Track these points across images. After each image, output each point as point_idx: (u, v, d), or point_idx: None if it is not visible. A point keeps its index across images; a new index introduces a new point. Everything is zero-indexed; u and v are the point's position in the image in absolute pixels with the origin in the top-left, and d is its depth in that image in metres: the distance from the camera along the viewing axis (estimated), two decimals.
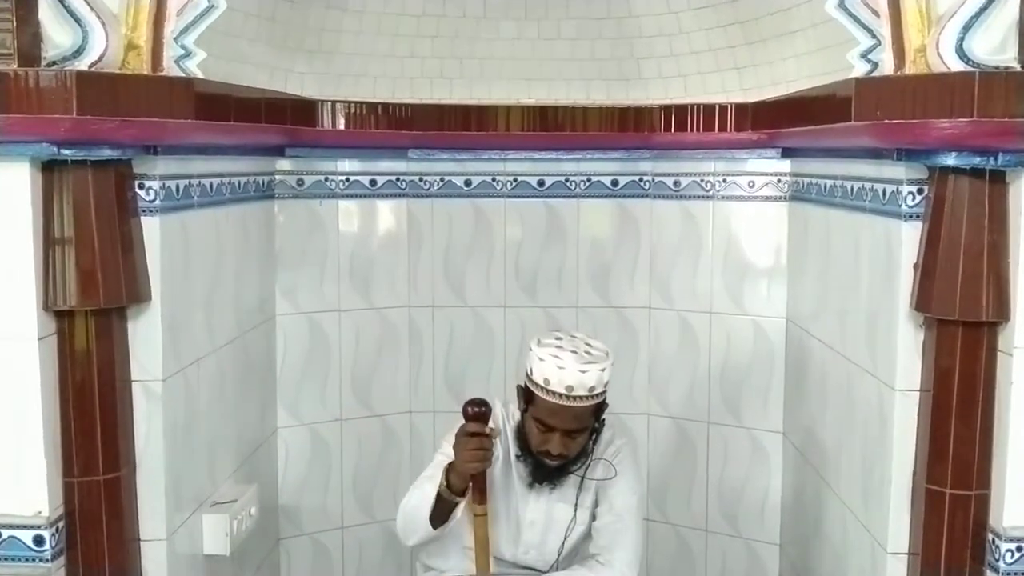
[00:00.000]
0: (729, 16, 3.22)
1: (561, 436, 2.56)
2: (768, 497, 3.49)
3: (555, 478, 2.67)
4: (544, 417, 2.55)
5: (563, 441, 2.57)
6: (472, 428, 2.47)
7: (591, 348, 2.59)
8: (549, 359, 2.52)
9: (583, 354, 2.54)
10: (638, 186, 3.60)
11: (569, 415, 2.53)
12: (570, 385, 2.49)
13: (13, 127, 2.10)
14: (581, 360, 2.51)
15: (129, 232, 2.35)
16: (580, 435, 2.60)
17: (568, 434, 2.56)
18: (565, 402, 2.50)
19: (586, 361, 2.51)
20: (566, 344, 2.58)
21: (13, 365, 2.22)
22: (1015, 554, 2.18)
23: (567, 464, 2.65)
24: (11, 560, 2.26)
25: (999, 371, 2.21)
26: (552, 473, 2.66)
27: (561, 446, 2.57)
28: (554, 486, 2.69)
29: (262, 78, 3.04)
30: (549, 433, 2.56)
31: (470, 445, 2.45)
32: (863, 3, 2.24)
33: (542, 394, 2.53)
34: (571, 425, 2.55)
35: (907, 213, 2.30)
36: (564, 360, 2.50)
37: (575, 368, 2.49)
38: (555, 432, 2.55)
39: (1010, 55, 2.09)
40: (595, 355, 2.56)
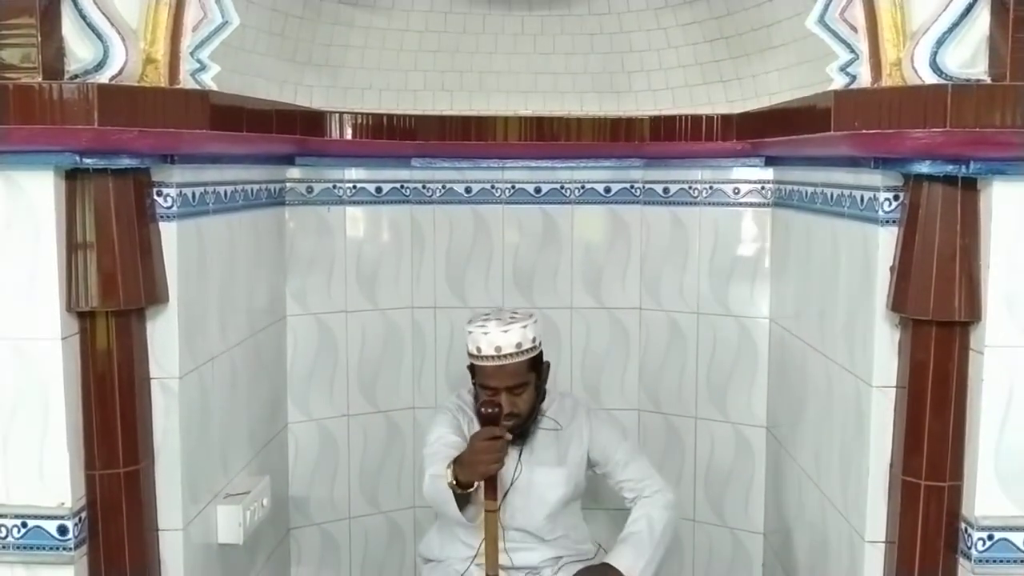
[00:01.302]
0: (715, 31, 3.23)
1: (506, 395, 2.75)
2: (752, 488, 3.49)
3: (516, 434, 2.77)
4: (486, 381, 2.77)
5: (510, 400, 2.75)
6: (489, 433, 2.53)
7: (515, 313, 2.85)
8: (476, 330, 2.77)
9: (506, 320, 2.77)
10: (629, 193, 3.60)
11: (505, 373, 2.75)
12: (498, 346, 2.73)
13: (38, 137, 2.11)
14: (503, 323, 2.76)
15: (147, 237, 2.35)
16: (523, 390, 2.79)
17: (511, 391, 2.76)
18: (497, 362, 2.74)
19: (507, 322, 2.76)
20: (492, 315, 2.84)
21: (38, 363, 2.22)
22: (986, 542, 2.19)
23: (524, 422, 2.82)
24: (36, 549, 2.26)
25: (971, 368, 2.21)
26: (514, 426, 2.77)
27: (509, 404, 2.73)
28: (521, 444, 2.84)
29: (273, 91, 3.04)
30: (496, 396, 2.73)
31: (488, 448, 2.51)
32: (842, 19, 2.24)
33: (478, 362, 2.78)
34: (510, 382, 2.76)
35: (884, 218, 2.31)
36: (488, 327, 2.76)
37: (498, 331, 2.74)
38: (499, 392, 2.74)
39: (980, 68, 2.10)
40: (517, 317, 2.81)
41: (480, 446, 2.52)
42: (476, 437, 2.56)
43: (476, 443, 2.54)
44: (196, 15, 2.31)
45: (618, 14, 3.38)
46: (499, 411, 2.58)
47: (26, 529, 2.25)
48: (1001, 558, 2.19)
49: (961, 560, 2.24)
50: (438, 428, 2.89)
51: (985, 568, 2.19)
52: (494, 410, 2.56)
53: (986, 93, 2.04)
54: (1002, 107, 2.02)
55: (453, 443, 2.78)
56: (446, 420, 2.93)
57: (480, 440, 2.53)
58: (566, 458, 2.92)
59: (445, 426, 2.89)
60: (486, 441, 2.52)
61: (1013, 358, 2.15)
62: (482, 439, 2.53)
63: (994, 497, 2.18)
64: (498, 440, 2.52)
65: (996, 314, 2.15)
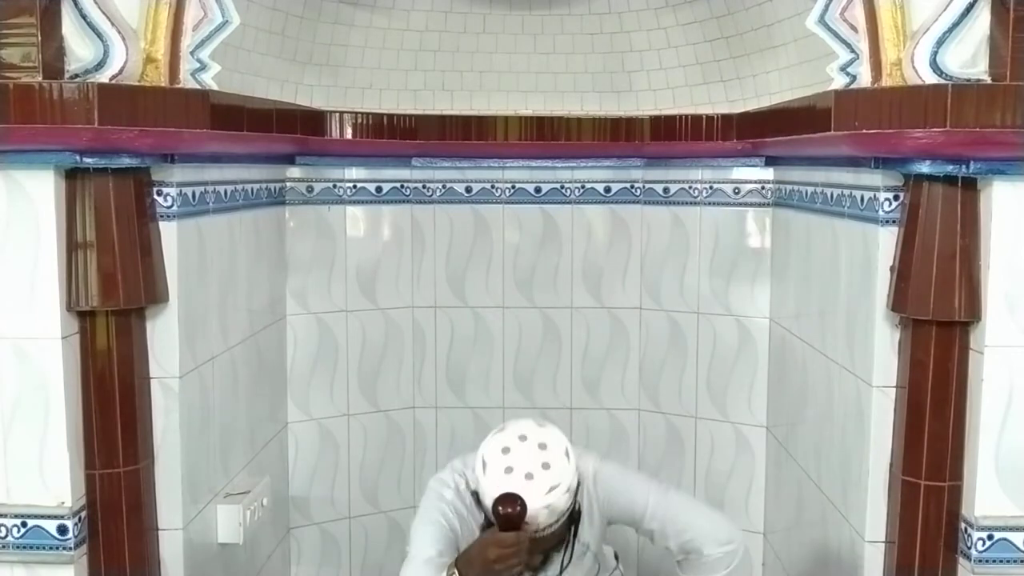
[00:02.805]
0: (715, 31, 3.23)
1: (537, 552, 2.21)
2: (752, 488, 3.49)
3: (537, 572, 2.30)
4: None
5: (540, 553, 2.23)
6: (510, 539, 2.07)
7: (548, 457, 2.10)
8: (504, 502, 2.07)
9: (540, 473, 2.07)
10: (629, 193, 3.60)
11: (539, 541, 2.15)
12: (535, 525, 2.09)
13: (38, 137, 2.11)
14: (541, 489, 2.06)
15: (148, 236, 2.35)
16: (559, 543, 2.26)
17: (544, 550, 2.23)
18: (535, 535, 2.11)
19: (548, 489, 2.06)
20: (518, 463, 2.08)
21: (38, 363, 2.22)
22: (986, 542, 2.19)
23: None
24: (36, 548, 2.26)
25: (971, 368, 2.21)
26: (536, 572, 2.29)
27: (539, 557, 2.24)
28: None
29: (273, 90, 3.04)
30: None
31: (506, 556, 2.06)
32: (842, 19, 2.24)
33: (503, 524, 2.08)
34: (545, 545, 2.21)
35: (884, 218, 2.31)
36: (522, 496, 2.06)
37: (538, 505, 2.06)
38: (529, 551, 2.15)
39: (981, 68, 2.10)
40: (555, 468, 2.09)
41: (502, 554, 2.06)
42: (492, 544, 2.07)
43: (496, 551, 2.06)
44: (196, 14, 2.31)
45: (618, 14, 3.38)
46: (522, 510, 2.05)
47: (26, 529, 2.26)
48: (1001, 558, 2.19)
49: (961, 560, 2.24)
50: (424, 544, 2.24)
51: (985, 568, 2.19)
52: (515, 510, 2.05)
53: (986, 93, 2.04)
54: (1002, 107, 2.02)
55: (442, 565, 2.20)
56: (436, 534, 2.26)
57: (502, 548, 2.06)
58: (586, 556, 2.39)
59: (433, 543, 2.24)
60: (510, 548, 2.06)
61: (1013, 358, 2.15)
62: (504, 546, 2.06)
63: (994, 497, 2.18)
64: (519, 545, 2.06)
65: (996, 314, 2.15)
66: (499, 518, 2.07)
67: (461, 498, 2.30)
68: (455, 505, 2.30)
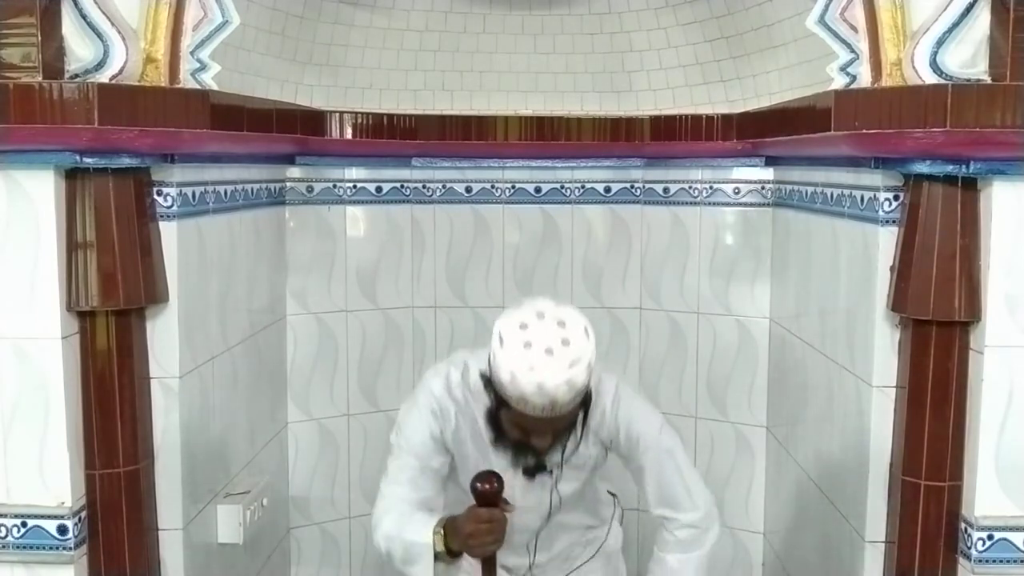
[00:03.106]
0: (715, 31, 3.23)
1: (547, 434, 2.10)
2: (752, 488, 3.49)
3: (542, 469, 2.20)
4: (524, 424, 2.07)
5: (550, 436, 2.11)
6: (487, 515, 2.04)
7: (568, 334, 1.97)
8: (523, 372, 1.94)
9: (560, 350, 1.95)
10: (629, 193, 3.60)
11: (554, 420, 2.04)
12: (554, 398, 1.95)
13: (38, 137, 2.11)
14: (562, 364, 1.94)
15: (148, 236, 2.35)
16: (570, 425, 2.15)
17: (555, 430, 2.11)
18: (550, 413, 1.99)
19: (569, 363, 1.94)
20: (536, 339, 1.96)
21: (38, 363, 2.22)
22: (986, 542, 2.19)
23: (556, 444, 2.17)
24: (36, 549, 2.26)
25: (971, 368, 2.22)
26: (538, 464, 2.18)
27: (548, 439, 2.11)
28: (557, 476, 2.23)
29: (273, 90, 3.04)
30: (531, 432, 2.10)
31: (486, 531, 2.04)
32: (842, 19, 2.25)
33: (520, 406, 1.99)
34: (559, 425, 2.09)
35: (884, 218, 2.31)
36: (541, 371, 1.93)
37: (559, 380, 1.93)
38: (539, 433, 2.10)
39: (980, 68, 2.10)
40: (575, 345, 1.96)
41: (476, 529, 2.04)
42: (471, 520, 2.05)
43: (471, 526, 2.04)
44: (196, 14, 2.31)
45: (618, 14, 3.39)
46: (499, 487, 2.04)
47: (26, 529, 2.26)
48: (1001, 558, 2.19)
49: (961, 560, 2.24)
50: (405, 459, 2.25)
51: (985, 568, 2.19)
52: (492, 487, 2.03)
53: (986, 93, 2.04)
54: (1002, 107, 2.02)
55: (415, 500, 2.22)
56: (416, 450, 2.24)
57: (476, 523, 2.04)
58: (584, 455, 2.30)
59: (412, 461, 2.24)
60: (483, 524, 2.04)
61: (1013, 358, 2.15)
62: (478, 521, 2.04)
63: (994, 497, 2.18)
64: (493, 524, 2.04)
65: (996, 314, 2.15)
66: (475, 494, 2.05)
67: (450, 390, 2.23)
68: (441, 401, 2.23)
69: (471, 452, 2.25)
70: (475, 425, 2.23)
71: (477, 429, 2.23)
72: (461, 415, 2.23)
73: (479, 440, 2.23)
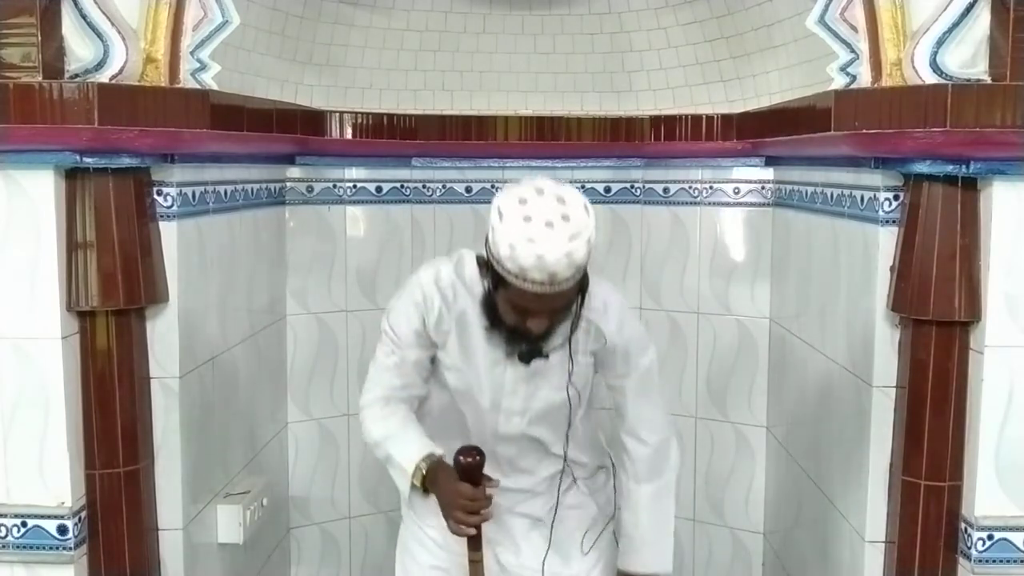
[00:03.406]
0: (715, 31, 3.23)
1: (544, 316, 2.03)
2: (752, 488, 3.49)
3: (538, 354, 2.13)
4: (522, 303, 1.99)
5: (547, 320, 2.04)
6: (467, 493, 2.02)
7: (568, 210, 1.92)
8: (522, 244, 1.89)
9: (560, 224, 1.90)
10: (629, 193, 3.60)
11: (553, 298, 1.97)
12: (553, 272, 1.89)
13: (38, 136, 2.11)
14: (562, 237, 1.89)
15: (148, 236, 2.36)
16: (567, 308, 2.07)
17: (552, 312, 2.04)
18: (549, 289, 1.93)
19: (569, 236, 1.89)
20: (536, 212, 1.91)
21: (38, 363, 2.23)
22: (986, 542, 2.19)
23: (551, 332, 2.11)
24: (36, 548, 2.27)
25: (971, 368, 2.22)
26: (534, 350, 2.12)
27: (545, 323, 2.04)
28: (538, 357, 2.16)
29: (273, 90, 3.04)
30: (528, 314, 2.02)
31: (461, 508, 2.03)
32: (842, 19, 2.25)
33: (519, 282, 1.93)
34: (556, 305, 2.01)
35: (884, 218, 2.31)
36: (541, 244, 1.88)
37: (559, 252, 1.88)
38: (536, 315, 2.02)
39: (980, 68, 2.10)
40: (575, 220, 1.91)
41: (456, 505, 2.02)
42: (454, 494, 2.02)
43: (452, 499, 2.03)
44: (196, 14, 2.32)
45: (618, 14, 3.39)
46: (480, 460, 2.03)
47: (26, 529, 2.26)
48: (1001, 558, 2.19)
49: (961, 560, 2.24)
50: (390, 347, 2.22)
51: (985, 568, 2.19)
52: (473, 460, 2.02)
53: (986, 93, 2.04)
54: (1002, 107, 2.02)
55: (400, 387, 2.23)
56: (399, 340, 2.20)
57: (454, 497, 2.02)
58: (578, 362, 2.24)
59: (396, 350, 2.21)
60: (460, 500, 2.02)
61: (1013, 358, 2.15)
62: (458, 495, 2.02)
63: (994, 497, 2.18)
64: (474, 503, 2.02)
65: (996, 314, 2.15)
66: (458, 467, 2.03)
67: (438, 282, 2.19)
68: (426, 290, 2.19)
69: (453, 345, 2.20)
70: (463, 317, 2.18)
71: (465, 321, 2.18)
72: (446, 307, 2.17)
73: (466, 333, 2.18)
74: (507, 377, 2.20)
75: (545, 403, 2.23)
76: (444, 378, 2.25)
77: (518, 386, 2.21)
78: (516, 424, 2.25)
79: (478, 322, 2.15)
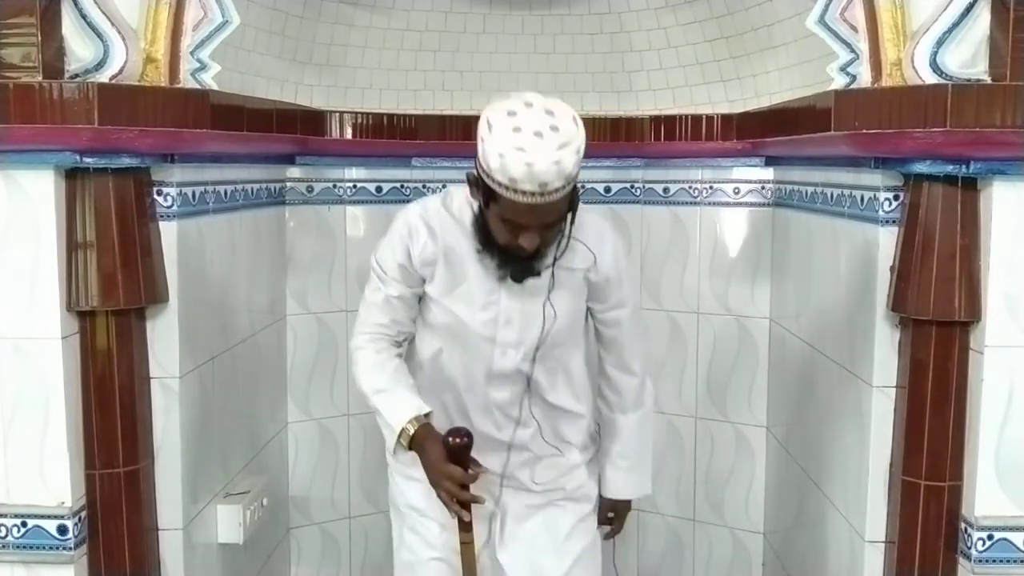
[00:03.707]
0: (715, 31, 3.23)
1: (536, 230, 2.03)
2: (752, 488, 3.49)
3: (531, 273, 2.14)
4: (513, 217, 2.00)
5: (538, 235, 2.04)
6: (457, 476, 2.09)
7: (556, 121, 1.94)
8: (512, 153, 1.89)
9: (549, 133, 1.91)
10: (629, 193, 3.60)
11: (543, 211, 1.97)
12: (543, 182, 1.90)
13: (38, 136, 2.11)
14: (551, 146, 1.90)
15: (148, 236, 2.36)
16: (557, 223, 2.08)
17: (543, 227, 2.04)
18: (539, 200, 1.93)
19: (558, 145, 1.91)
20: (525, 123, 1.92)
21: (38, 363, 2.23)
22: (986, 542, 2.19)
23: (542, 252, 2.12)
24: (36, 548, 2.27)
25: (971, 368, 2.22)
26: (529, 267, 2.13)
27: (536, 239, 2.04)
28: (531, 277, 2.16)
29: (273, 90, 3.04)
30: (519, 229, 2.02)
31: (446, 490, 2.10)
32: (842, 19, 2.25)
33: (508, 194, 1.94)
34: (547, 219, 2.01)
35: (884, 218, 2.31)
36: (531, 152, 1.89)
37: (548, 160, 1.89)
38: (528, 229, 2.02)
39: (980, 68, 2.11)
40: (564, 131, 1.93)
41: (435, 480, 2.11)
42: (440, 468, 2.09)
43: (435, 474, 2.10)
44: (196, 14, 2.32)
45: (618, 14, 3.39)
46: (469, 442, 2.10)
47: (26, 529, 2.26)
48: (1001, 558, 2.19)
49: (961, 560, 2.24)
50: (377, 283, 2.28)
51: (985, 568, 2.19)
52: (461, 441, 2.09)
53: (986, 93, 2.05)
54: (1002, 107, 2.03)
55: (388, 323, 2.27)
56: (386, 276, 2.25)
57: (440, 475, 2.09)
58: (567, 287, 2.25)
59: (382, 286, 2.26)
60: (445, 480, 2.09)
61: (1013, 358, 2.16)
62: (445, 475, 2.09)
63: (994, 497, 2.18)
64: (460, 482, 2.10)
65: (996, 314, 2.15)
66: (446, 447, 2.08)
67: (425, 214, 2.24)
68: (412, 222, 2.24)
69: (441, 278, 2.22)
70: (452, 249, 2.21)
71: (454, 253, 2.21)
72: (432, 238, 2.20)
73: (456, 264, 2.21)
74: (502, 306, 2.21)
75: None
76: (434, 318, 2.27)
77: (512, 316, 2.22)
78: (511, 358, 2.25)
79: (469, 251, 2.18)
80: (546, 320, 2.21)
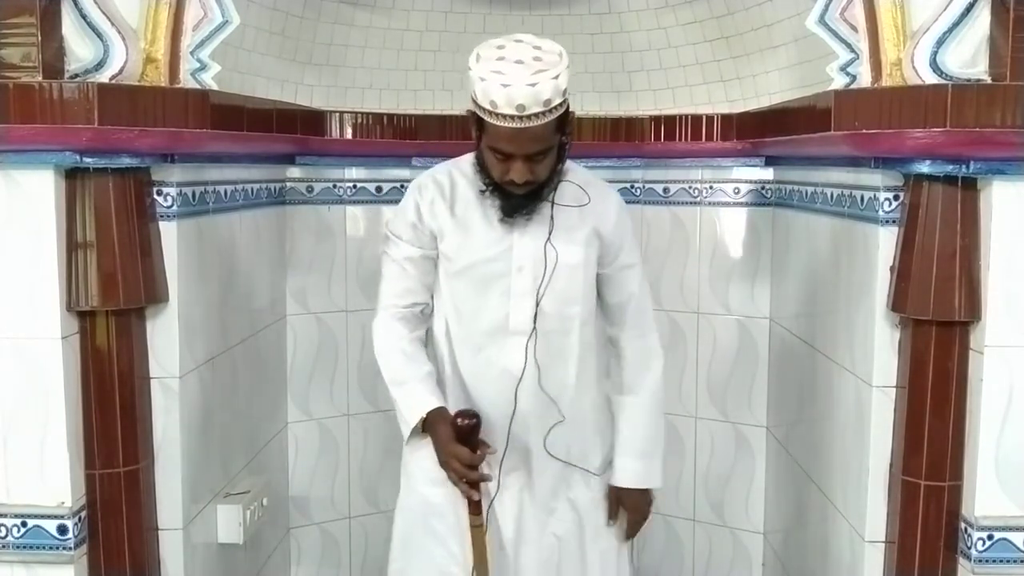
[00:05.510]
0: (715, 31, 3.23)
1: (523, 161, 2.11)
2: (752, 488, 3.49)
3: (527, 206, 2.21)
4: (500, 145, 2.11)
5: (526, 167, 2.11)
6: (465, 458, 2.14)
7: (540, 52, 2.07)
8: (491, 77, 2.03)
9: (530, 62, 2.04)
10: (629, 193, 3.59)
11: (526, 137, 2.07)
12: (521, 104, 2.01)
13: (38, 136, 2.11)
14: (528, 71, 2.02)
15: (148, 236, 2.36)
16: (545, 156, 2.14)
17: (530, 158, 2.11)
18: (519, 124, 2.04)
19: (535, 71, 2.02)
20: (508, 53, 2.07)
21: (38, 363, 2.23)
22: (986, 542, 2.19)
23: (538, 190, 2.20)
24: (36, 548, 2.26)
25: (971, 368, 2.22)
26: (522, 202, 2.20)
27: (525, 171, 2.12)
28: (529, 216, 2.23)
29: (273, 90, 3.04)
30: (509, 161, 2.12)
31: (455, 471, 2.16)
32: (842, 19, 2.25)
33: (492, 119, 2.07)
34: (531, 148, 2.09)
35: (884, 218, 2.31)
36: (509, 75, 2.01)
37: (523, 82, 2.00)
38: (515, 159, 2.11)
39: (980, 68, 2.11)
40: (546, 59, 2.05)
41: (443, 460, 2.18)
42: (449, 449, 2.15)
43: (444, 454, 2.17)
44: (196, 14, 2.32)
45: (618, 14, 3.39)
46: (477, 423, 2.15)
47: (26, 528, 2.26)
48: (1001, 558, 2.19)
49: (961, 560, 2.24)
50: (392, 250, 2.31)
51: (985, 568, 2.19)
52: (469, 422, 2.14)
53: (986, 93, 2.05)
54: (1002, 107, 2.03)
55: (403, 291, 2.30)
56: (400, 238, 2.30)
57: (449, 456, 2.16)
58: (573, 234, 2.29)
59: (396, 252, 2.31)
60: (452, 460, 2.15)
61: (1013, 358, 2.15)
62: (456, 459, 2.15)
63: (994, 497, 2.18)
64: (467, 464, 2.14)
65: (996, 314, 2.15)
66: (455, 429, 2.14)
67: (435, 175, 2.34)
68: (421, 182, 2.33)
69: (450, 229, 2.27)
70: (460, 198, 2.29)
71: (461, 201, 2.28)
72: (440, 193, 2.29)
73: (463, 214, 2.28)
74: (514, 253, 2.25)
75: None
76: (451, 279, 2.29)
77: (524, 262, 2.25)
78: (527, 309, 2.24)
79: (477, 202, 2.26)
80: (548, 260, 2.24)
